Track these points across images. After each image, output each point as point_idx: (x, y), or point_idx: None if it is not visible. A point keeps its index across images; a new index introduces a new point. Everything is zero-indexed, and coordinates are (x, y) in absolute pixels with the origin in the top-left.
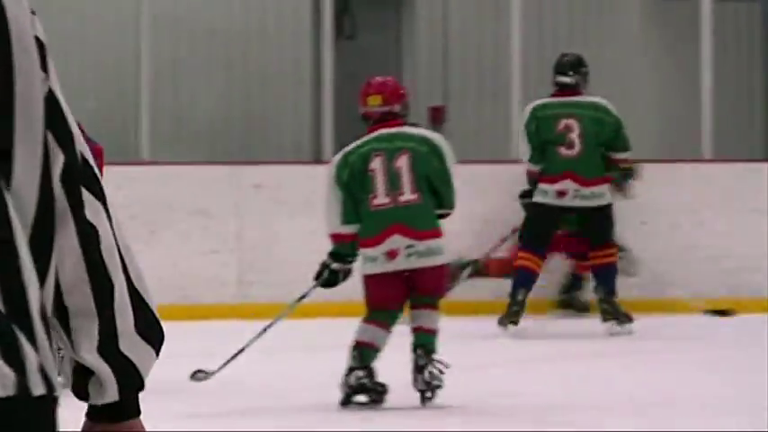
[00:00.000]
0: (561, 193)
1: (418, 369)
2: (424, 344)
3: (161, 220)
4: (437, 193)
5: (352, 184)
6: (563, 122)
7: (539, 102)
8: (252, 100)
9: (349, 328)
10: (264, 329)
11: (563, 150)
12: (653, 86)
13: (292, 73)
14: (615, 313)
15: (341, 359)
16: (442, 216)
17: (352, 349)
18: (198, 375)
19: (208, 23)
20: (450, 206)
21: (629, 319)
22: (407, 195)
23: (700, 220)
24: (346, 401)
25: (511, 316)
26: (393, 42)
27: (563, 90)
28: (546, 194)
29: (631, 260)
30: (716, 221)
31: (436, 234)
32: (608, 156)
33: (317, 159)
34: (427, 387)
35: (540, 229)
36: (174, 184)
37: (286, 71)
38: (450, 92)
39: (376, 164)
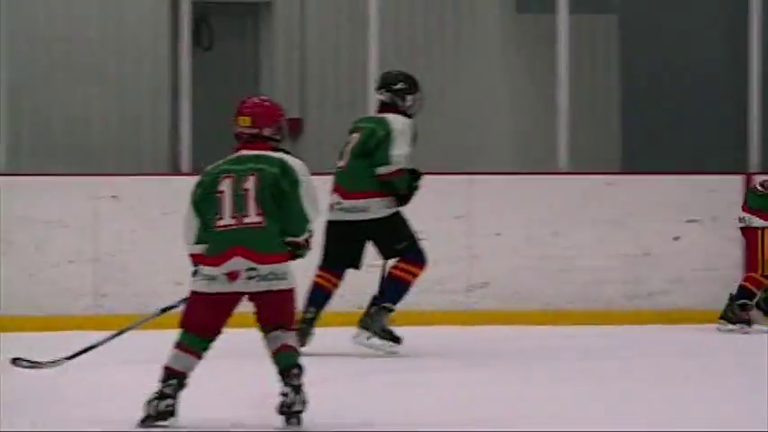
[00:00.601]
0: (331, 206)
1: (287, 393)
2: (289, 365)
3: (18, 230)
4: (283, 218)
5: (202, 204)
6: (351, 137)
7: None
8: (110, 111)
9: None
10: (115, 335)
11: (337, 163)
12: (510, 97)
13: (150, 83)
14: (375, 326)
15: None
16: (291, 243)
17: (166, 376)
18: (20, 362)
19: (66, 33)
20: (295, 232)
21: (396, 341)
22: (252, 218)
23: (555, 231)
24: (147, 423)
25: (299, 335)
26: (251, 53)
27: (379, 107)
28: (328, 209)
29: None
30: (571, 233)
31: (280, 259)
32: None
33: (175, 171)
34: (289, 411)
35: (328, 245)
36: (32, 194)
37: (144, 81)
38: (307, 103)
39: (225, 185)
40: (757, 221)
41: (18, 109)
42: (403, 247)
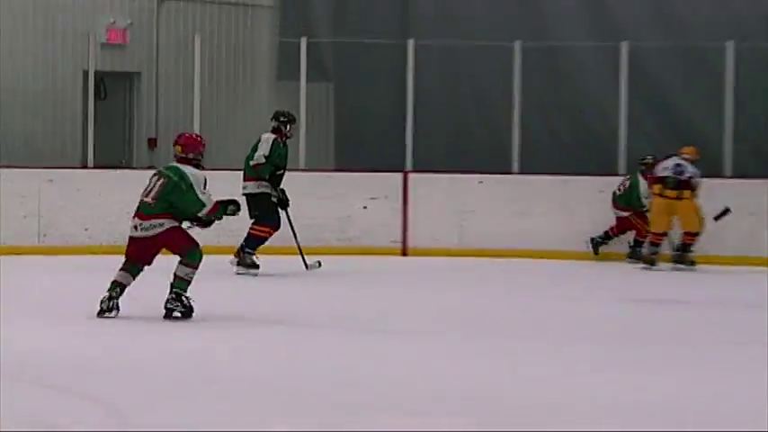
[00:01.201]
0: None
1: (167, 299)
2: (173, 284)
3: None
4: (176, 205)
5: None
6: None
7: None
8: (47, 131)
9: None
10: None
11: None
12: None
13: (70, 116)
14: (243, 262)
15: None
16: (201, 219)
17: (113, 286)
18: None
19: (12, 84)
20: (194, 212)
21: (255, 267)
22: (149, 199)
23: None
24: (101, 315)
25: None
26: (128, 102)
27: (271, 129)
28: None
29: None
30: (309, 205)
31: (156, 218)
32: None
33: (84, 166)
34: (167, 309)
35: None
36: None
37: (67, 114)
38: (159, 130)
39: (152, 179)
40: (623, 213)
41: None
42: (258, 214)
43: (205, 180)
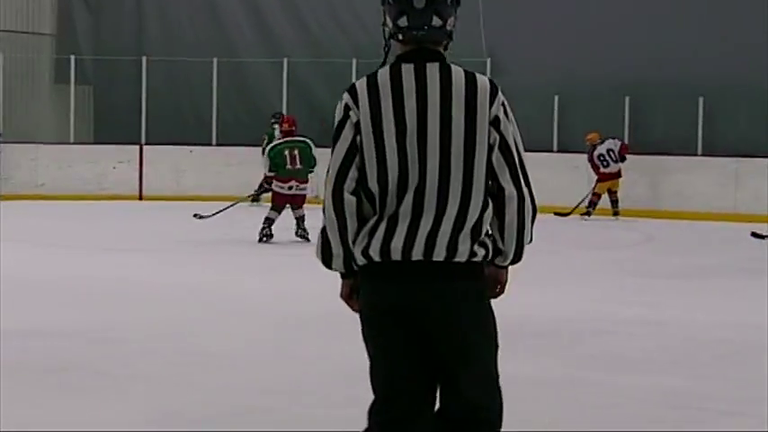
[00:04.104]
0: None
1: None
2: (299, 217)
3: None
4: (312, 165)
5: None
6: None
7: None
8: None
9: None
10: (235, 202)
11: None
12: (56, 132)
13: None
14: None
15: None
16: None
17: (266, 220)
18: (197, 215)
19: None
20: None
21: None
22: (300, 166)
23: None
24: (260, 241)
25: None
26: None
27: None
28: None
29: None
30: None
31: (306, 182)
32: None
33: None
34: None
35: None
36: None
37: None
38: None
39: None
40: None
41: None
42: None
43: None
